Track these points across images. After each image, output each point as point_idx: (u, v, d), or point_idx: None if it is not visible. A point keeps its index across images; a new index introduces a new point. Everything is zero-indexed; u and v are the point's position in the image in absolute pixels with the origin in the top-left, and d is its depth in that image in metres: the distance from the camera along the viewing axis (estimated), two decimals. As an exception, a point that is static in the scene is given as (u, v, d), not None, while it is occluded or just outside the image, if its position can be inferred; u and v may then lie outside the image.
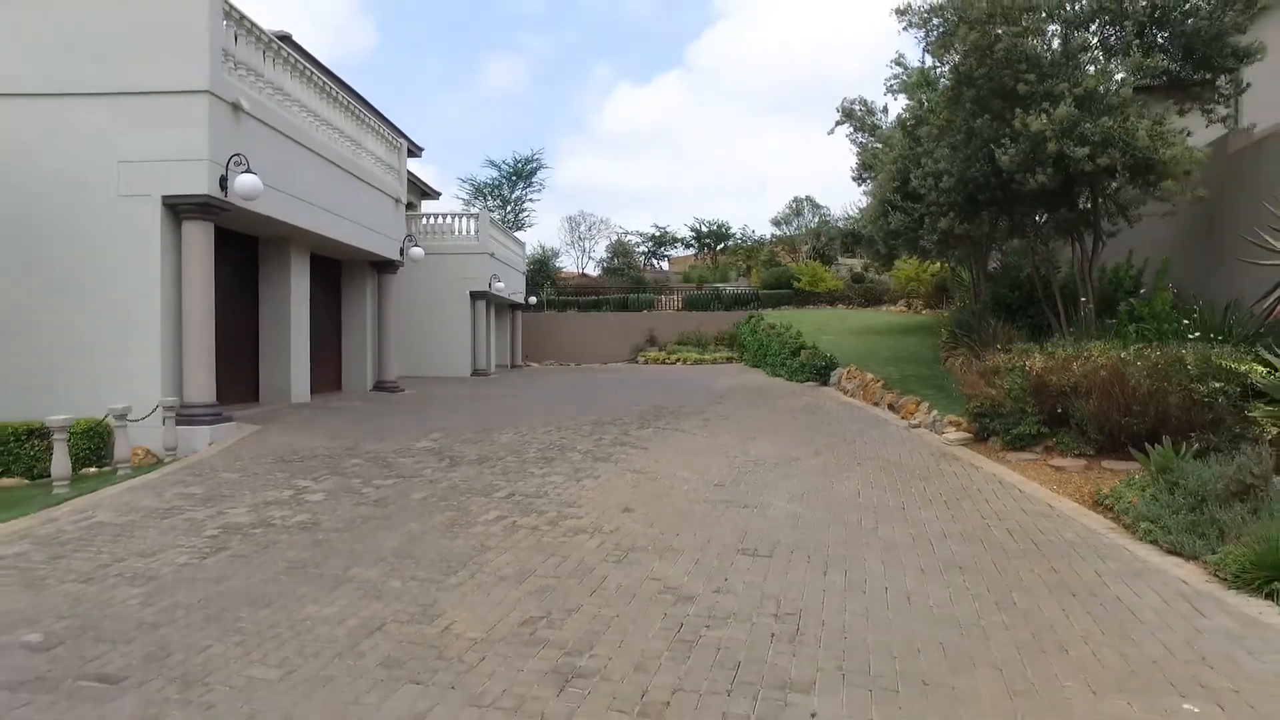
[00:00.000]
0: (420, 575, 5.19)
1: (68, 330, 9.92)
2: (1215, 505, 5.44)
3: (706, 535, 5.99)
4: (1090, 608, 4.53)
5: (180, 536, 6.26)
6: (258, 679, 3.77)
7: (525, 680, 3.70)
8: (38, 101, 9.84)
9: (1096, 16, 10.49)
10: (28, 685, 3.74)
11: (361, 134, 15.87)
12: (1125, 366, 7.80)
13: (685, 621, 4.37)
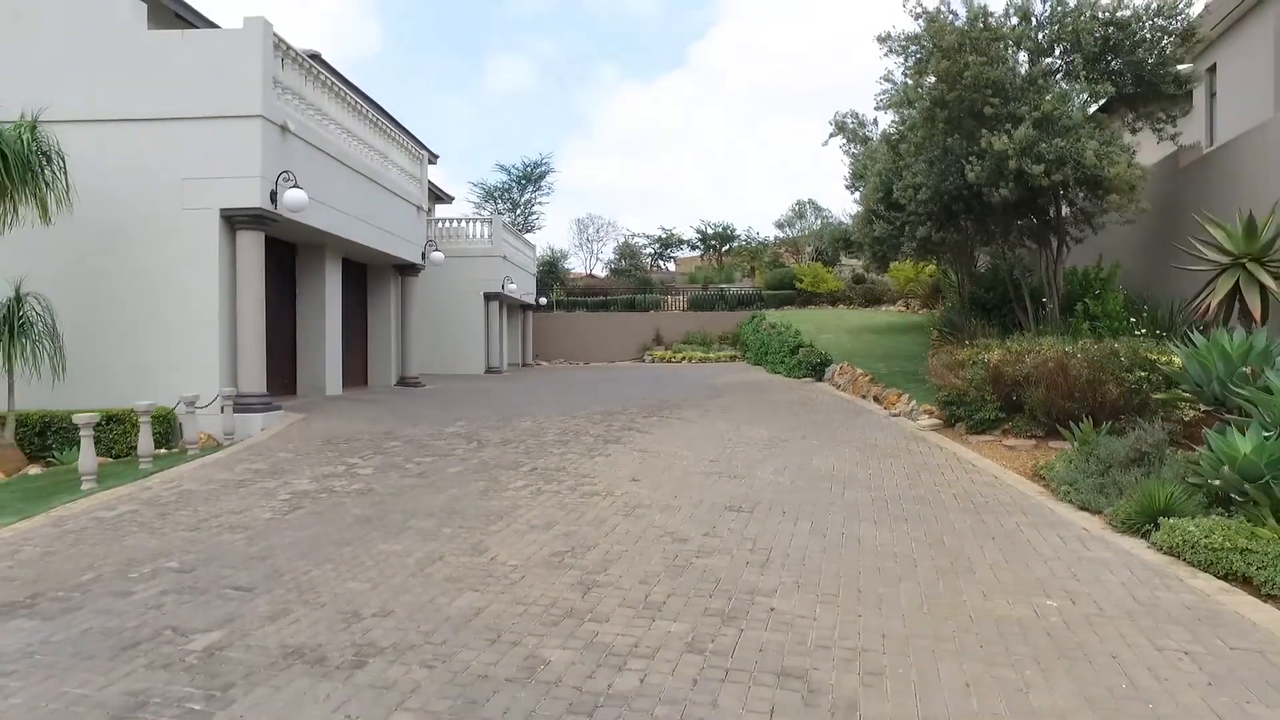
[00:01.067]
0: (466, 525, 6.39)
1: (139, 329, 11.16)
2: (1118, 470, 6.61)
3: (700, 497, 7.18)
4: (1002, 546, 5.70)
5: (259, 499, 7.47)
6: (353, 589, 4.97)
7: (557, 589, 4.89)
8: (121, 126, 11.09)
9: (1057, 44, 11.64)
10: (184, 592, 4.96)
11: (388, 147, 17.10)
12: (1068, 359, 8.95)
13: (680, 554, 5.56)
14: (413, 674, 3.78)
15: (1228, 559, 4.91)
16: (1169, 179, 12.84)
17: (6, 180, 9.22)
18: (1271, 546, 4.80)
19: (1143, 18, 11.29)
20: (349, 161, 14.51)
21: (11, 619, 4.60)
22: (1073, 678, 3.69)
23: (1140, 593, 4.74)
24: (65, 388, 10.42)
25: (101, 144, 10.93)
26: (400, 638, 4.21)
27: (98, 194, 10.80)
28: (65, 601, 4.87)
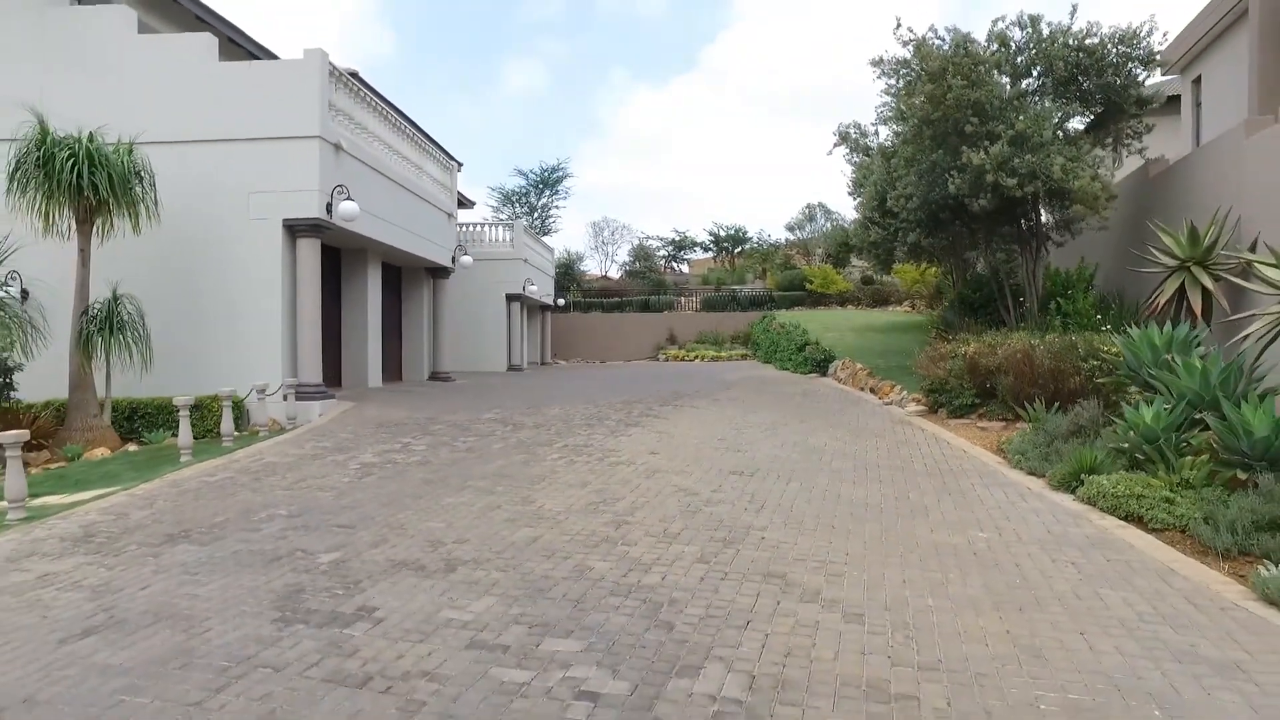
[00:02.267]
0: (514, 485, 7.72)
1: (213, 326, 12.56)
2: (1060, 442, 7.86)
3: (709, 465, 8.49)
4: (955, 499, 6.98)
5: (334, 469, 8.83)
6: (432, 526, 6.30)
7: (594, 525, 6.21)
8: (198, 147, 12.49)
9: (1034, 67, 12.87)
10: (299, 529, 6.31)
11: (422, 159, 18.49)
12: (1034, 351, 10.20)
13: (691, 503, 6.86)
14: (491, 575, 5.10)
15: (1127, 504, 6.17)
16: (1141, 188, 14.02)
17: (110, 196, 10.62)
18: (1158, 493, 6.06)
19: (1108, 44, 12.50)
20: (389, 173, 15.89)
21: (177, 545, 5.96)
22: (983, 578, 4.97)
23: (1054, 528, 6.02)
24: (148, 378, 11.80)
25: (182, 162, 12.31)
26: (477, 555, 5.54)
27: (178, 207, 12.16)
28: (211, 534, 6.23)
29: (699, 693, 3.50)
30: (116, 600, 4.81)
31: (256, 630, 4.28)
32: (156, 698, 3.54)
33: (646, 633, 4.16)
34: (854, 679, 3.63)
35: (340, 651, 3.99)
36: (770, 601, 4.60)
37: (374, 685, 3.62)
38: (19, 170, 10.37)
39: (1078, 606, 4.48)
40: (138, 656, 3.98)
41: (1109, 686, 3.54)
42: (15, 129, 10.65)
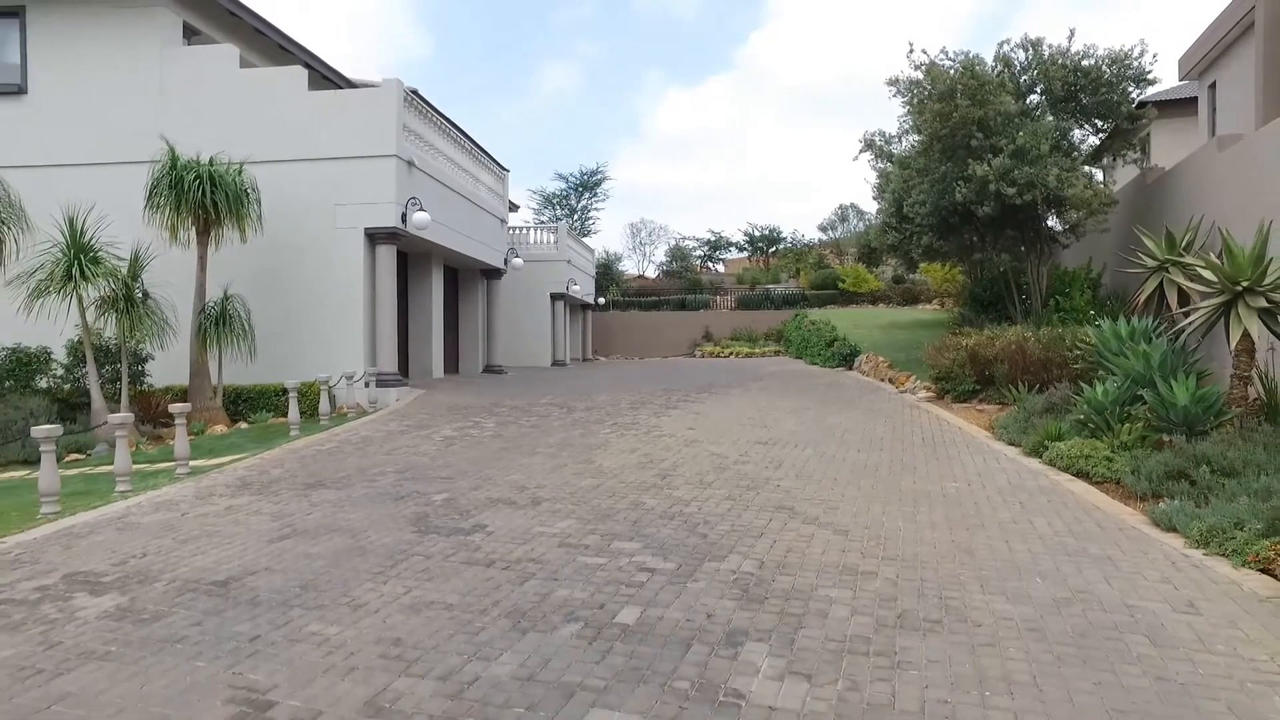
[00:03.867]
0: (575, 451, 9.33)
1: (305, 322, 14.36)
2: (1037, 417, 9.27)
3: (738, 437, 10.02)
4: (941, 462, 8.44)
5: (422, 440, 10.51)
6: (514, 478, 7.92)
7: (643, 478, 7.78)
8: (292, 165, 14.30)
9: (1035, 85, 14.19)
10: (408, 480, 7.98)
11: (478, 170, 20.24)
12: (1026, 343, 11.57)
13: (722, 464, 8.41)
14: (567, 507, 6.70)
15: (1077, 463, 7.59)
16: (1139, 194, 15.23)
17: (227, 210, 12.44)
18: (1100, 453, 7.48)
19: (1103, 65, 13.79)
20: (451, 184, 17.62)
21: (317, 490, 7.66)
22: (945, 511, 6.46)
23: (1014, 481, 7.47)
24: (249, 367, 13.61)
25: (278, 180, 14.10)
26: (554, 495, 7.15)
27: (276, 218, 13.96)
28: (341, 484, 7.92)
29: (723, 569, 5.06)
30: (293, 520, 6.50)
31: (403, 537, 5.93)
32: (349, 570, 5.19)
33: (687, 539, 5.73)
34: (833, 564, 5.16)
35: (468, 548, 5.61)
36: (779, 523, 6.14)
37: (496, 565, 5.23)
38: (155, 190, 12.22)
39: (1011, 528, 5.96)
40: (325, 550, 5.64)
41: (1012, 568, 5.03)
42: (153, 154, 12.52)
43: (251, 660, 3.87)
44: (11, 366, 12.43)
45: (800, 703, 3.36)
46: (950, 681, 3.54)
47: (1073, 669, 3.66)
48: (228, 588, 4.92)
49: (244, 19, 15.98)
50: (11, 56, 14.68)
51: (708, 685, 3.52)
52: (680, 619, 4.26)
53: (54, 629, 4.32)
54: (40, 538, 6.23)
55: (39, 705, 3.46)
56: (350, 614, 4.44)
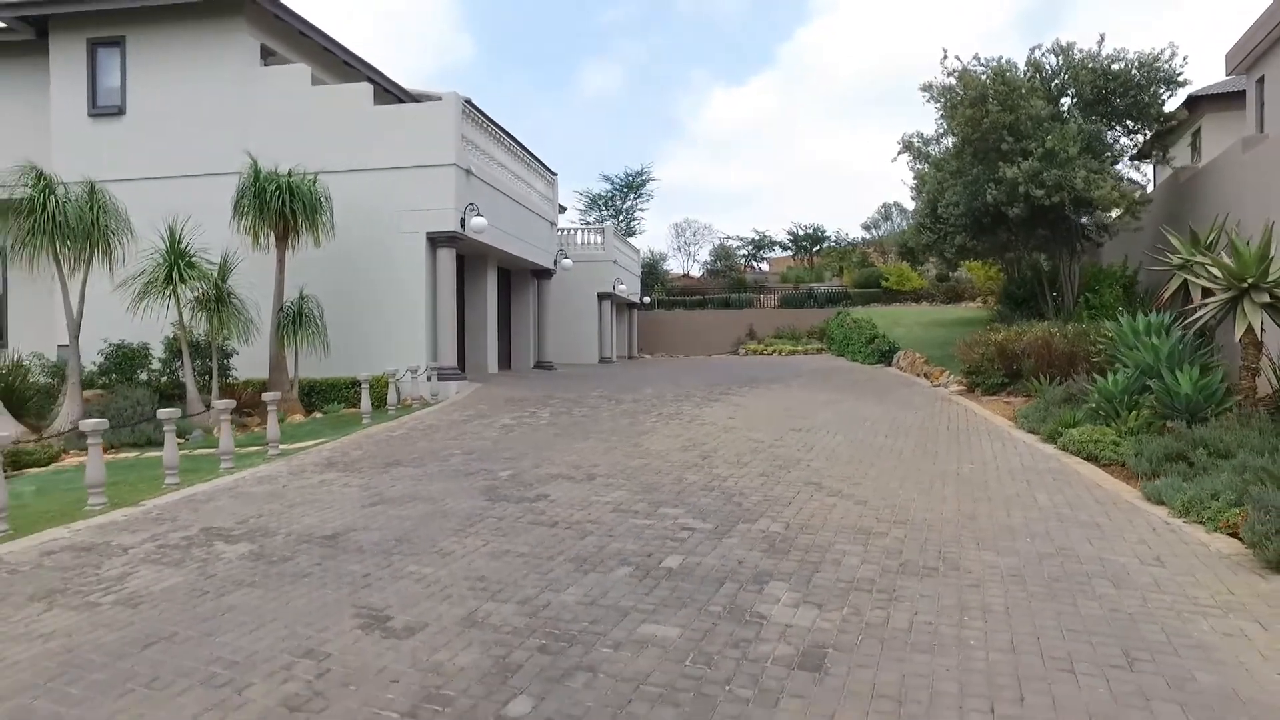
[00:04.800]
0: (623, 437, 10.19)
1: (372, 319, 15.46)
2: (1055, 407, 9.89)
3: (775, 425, 10.80)
4: (962, 447, 9.12)
5: (483, 427, 11.47)
6: (570, 458, 8.80)
7: (686, 458, 8.62)
8: (360, 175, 15.40)
9: (1066, 89, 14.68)
10: (475, 460, 8.92)
11: (530, 175, 21.24)
12: (1052, 338, 12.14)
13: (758, 447, 9.20)
14: (619, 481, 7.56)
15: (1087, 447, 8.23)
16: (1173, 192, 15.60)
17: (303, 217, 13.56)
18: (1108, 438, 8.11)
19: (1132, 69, 14.24)
20: (505, 189, 18.62)
21: (396, 468, 8.64)
22: (957, 488, 7.18)
23: (1027, 463, 8.15)
24: (320, 361, 14.72)
25: (347, 188, 15.19)
26: (606, 472, 8.02)
27: (345, 224, 15.05)
28: (416, 463, 8.89)
29: (754, 529, 5.88)
30: (380, 491, 7.47)
31: (476, 504, 6.85)
32: (435, 529, 6.11)
33: (723, 506, 6.55)
34: (850, 526, 5.94)
35: (534, 512, 6.50)
36: (805, 495, 6.93)
37: (559, 526, 6.11)
38: (240, 200, 13.39)
39: (1014, 500, 6.67)
40: (411, 514, 6.59)
41: (1007, 530, 5.77)
42: (236, 167, 13.71)
43: (366, 590, 4.80)
44: (117, 361, 13.69)
45: (811, 622, 4.18)
46: (936, 610, 4.33)
47: (1041, 603, 4.41)
48: (335, 540, 5.88)
49: (313, 39, 17.17)
50: (113, 81, 16.03)
51: (736, 610, 4.36)
52: (715, 564, 5.10)
53: (207, 565, 5.32)
54: (171, 502, 7.29)
55: (214, 614, 4.43)
56: (440, 559, 5.35)
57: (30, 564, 5.48)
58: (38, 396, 12.53)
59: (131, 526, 6.47)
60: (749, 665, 3.69)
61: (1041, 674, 3.57)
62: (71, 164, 14.48)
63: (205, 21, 15.85)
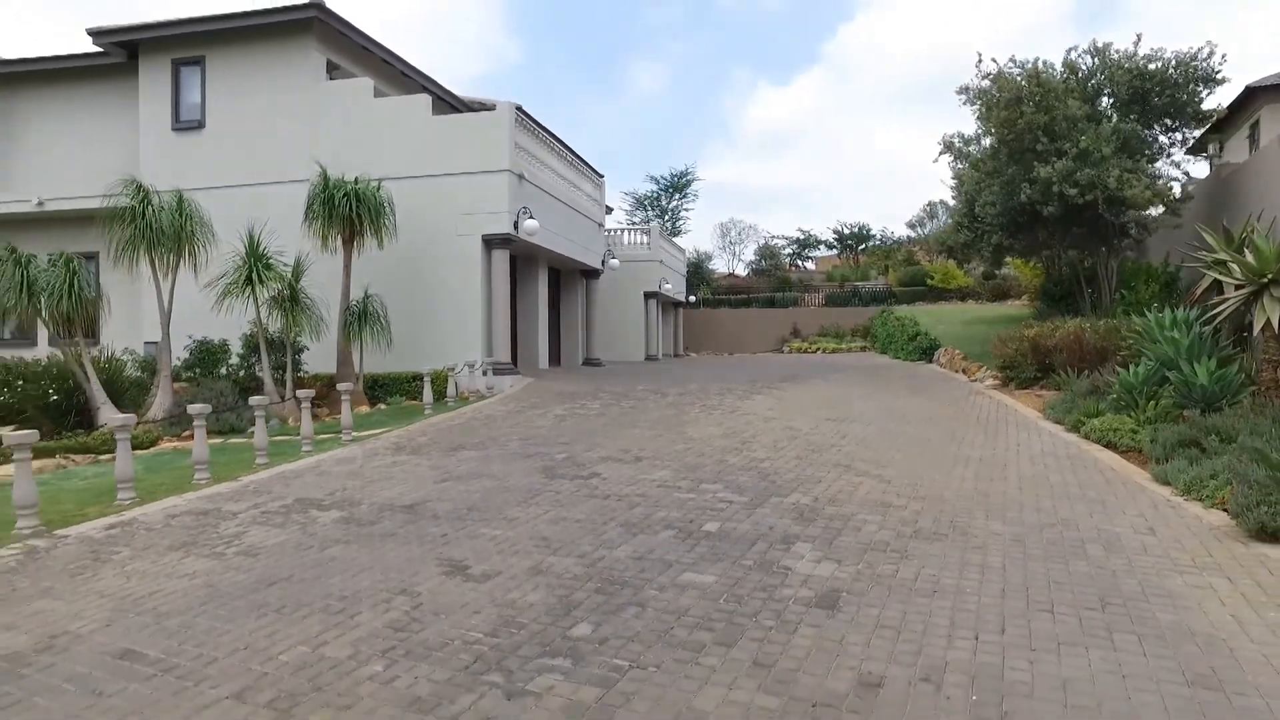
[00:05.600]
0: (669, 426, 10.89)
1: (431, 317, 16.38)
2: (1081, 398, 10.33)
3: (811, 415, 11.40)
4: (989, 435, 9.63)
5: (538, 417, 12.26)
6: (619, 444, 9.52)
7: (726, 444, 9.28)
8: (425, 180, 16.34)
9: (1102, 90, 14.99)
10: (532, 444, 9.70)
11: (578, 178, 22.04)
12: (1084, 332, 12.52)
13: (794, 435, 9.83)
14: (664, 463, 8.26)
15: (1107, 435, 8.70)
16: (1214, 188, 15.79)
17: (368, 221, 14.51)
18: (1127, 426, 8.57)
19: (1169, 68, 14.50)
20: (555, 193, 19.44)
21: (460, 451, 9.45)
22: (977, 470, 7.74)
23: (1047, 449, 8.65)
24: (383, 356, 15.67)
25: (408, 193, 16.13)
26: (653, 455, 8.72)
27: (406, 227, 15.99)
28: (478, 447, 9.70)
29: (785, 502, 6.53)
30: (448, 469, 8.28)
31: (535, 481, 7.61)
32: (500, 500, 6.88)
33: (759, 483, 7.22)
34: (871, 500, 6.56)
35: (587, 487, 7.24)
36: (835, 475, 7.55)
37: (610, 498, 6.83)
38: (311, 206, 14.39)
39: (1028, 481, 7.22)
40: (477, 489, 7.37)
41: (1016, 505, 6.34)
42: (305, 175, 14.72)
43: (445, 546, 5.58)
44: (201, 356, 14.80)
45: (829, 573, 4.83)
46: (940, 566, 4.95)
47: (1035, 562, 5.01)
48: (414, 509, 6.68)
49: (375, 53, 18.19)
50: (194, 97, 17.23)
51: (765, 563, 5.03)
52: (749, 529, 5.78)
53: (306, 527, 6.16)
54: (264, 478, 8.20)
55: (319, 563, 5.25)
56: (507, 524, 6.11)
57: (160, 524, 6.39)
58: (132, 389, 13.64)
59: (235, 497, 7.37)
60: (774, 604, 4.37)
61: (1023, 613, 4.19)
62: (157, 174, 15.63)
63: (277, 40, 16.94)
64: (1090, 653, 3.70)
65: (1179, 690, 3.35)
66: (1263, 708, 3.19)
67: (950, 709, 3.24)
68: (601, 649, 3.85)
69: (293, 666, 3.75)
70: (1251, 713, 3.16)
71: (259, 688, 3.55)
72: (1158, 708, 3.21)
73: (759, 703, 3.31)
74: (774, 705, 3.29)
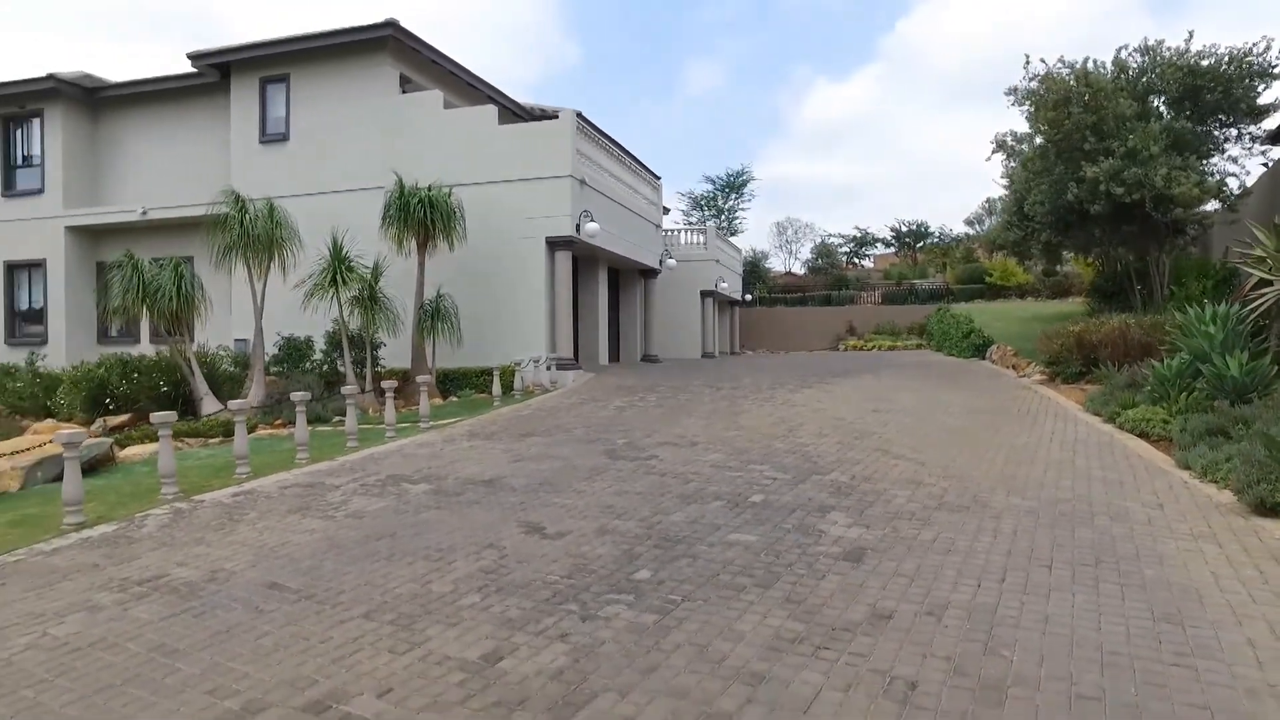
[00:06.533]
0: (722, 415, 11.60)
1: (499, 315, 17.37)
2: (1119, 391, 10.73)
3: (857, 407, 12.00)
4: (1026, 426, 10.12)
5: (599, 409, 13.08)
6: (674, 431, 10.27)
7: (775, 431, 9.97)
8: (494, 186, 17.34)
9: (1153, 88, 15.20)
10: (594, 431, 10.52)
11: (636, 182, 22.86)
12: (1128, 328, 12.84)
13: (839, 423, 10.46)
14: (716, 447, 8.99)
15: (1140, 425, 9.14)
16: (1274, 183, 15.85)
17: (440, 226, 15.53)
18: (1159, 416, 9.01)
19: (1222, 64, 14.66)
20: (614, 196, 20.28)
21: (529, 438, 10.32)
22: (1008, 455, 8.29)
23: (1080, 437, 9.14)
24: (453, 352, 16.69)
25: (476, 199, 17.14)
26: (706, 440, 9.45)
27: (474, 230, 16.99)
28: (545, 434, 10.56)
29: (825, 479, 7.21)
30: (519, 452, 9.15)
31: (599, 461, 8.41)
32: (568, 476, 7.70)
33: (801, 464, 7.90)
34: (905, 479, 7.20)
35: (646, 467, 8.02)
36: (874, 458, 8.19)
37: (667, 476, 7.59)
38: (387, 212, 15.48)
39: (1054, 464, 7.76)
40: (548, 468, 8.20)
41: (1038, 484, 6.92)
42: (381, 183, 15.82)
43: (523, 512, 6.41)
44: (288, 352, 16.03)
45: (858, 535, 5.52)
46: (957, 531, 5.59)
47: (1044, 530, 5.61)
48: (492, 484, 7.54)
49: (443, 65, 19.27)
50: (279, 112, 18.56)
51: (803, 526, 5.74)
52: (790, 500, 6.49)
53: (401, 497, 7.07)
54: (356, 459, 9.18)
55: (416, 523, 6.13)
56: (576, 496, 6.92)
57: (276, 493, 7.38)
58: (228, 381, 14.89)
59: (334, 473, 8.34)
60: (807, 557, 5.08)
61: (1024, 567, 4.83)
62: (246, 184, 16.91)
63: (354, 58, 18.13)
64: (1075, 597, 4.34)
65: (1144, 624, 3.97)
66: (1210, 636, 3.81)
67: (946, 634, 3.92)
68: (659, 588, 4.62)
69: (406, 597, 4.61)
70: (1200, 640, 3.78)
71: (382, 610, 4.41)
72: (1122, 634, 3.85)
73: (788, 626, 4.04)
74: (800, 629, 4.01)
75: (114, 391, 13.75)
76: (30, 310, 21.30)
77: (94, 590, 4.89)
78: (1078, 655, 3.64)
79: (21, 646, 4.07)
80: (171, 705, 3.44)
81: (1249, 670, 3.47)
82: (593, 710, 3.28)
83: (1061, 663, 3.57)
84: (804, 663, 3.64)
